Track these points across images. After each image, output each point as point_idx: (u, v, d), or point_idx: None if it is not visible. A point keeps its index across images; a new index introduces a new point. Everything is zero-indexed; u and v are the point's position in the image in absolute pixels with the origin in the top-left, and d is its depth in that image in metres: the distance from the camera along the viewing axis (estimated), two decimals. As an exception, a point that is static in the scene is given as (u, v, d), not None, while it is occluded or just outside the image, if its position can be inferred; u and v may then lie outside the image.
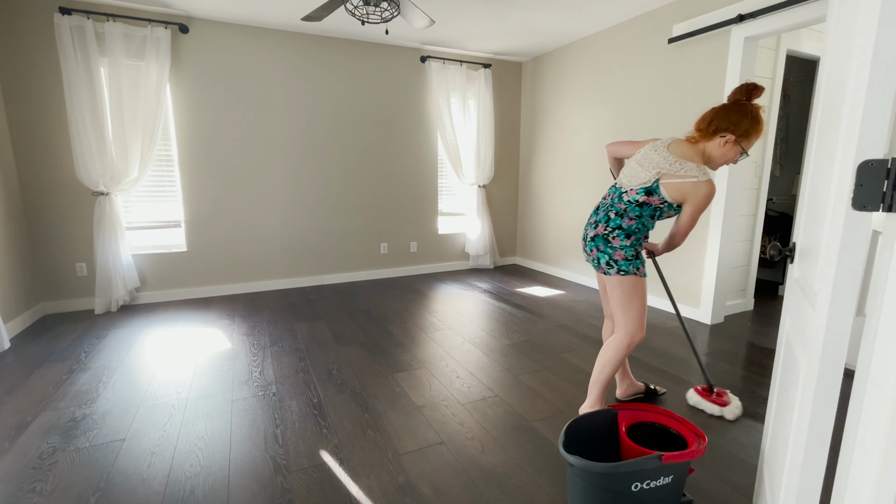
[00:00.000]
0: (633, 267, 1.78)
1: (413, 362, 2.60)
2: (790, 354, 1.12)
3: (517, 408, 2.10)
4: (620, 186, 1.81)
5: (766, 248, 4.11)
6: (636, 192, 1.74)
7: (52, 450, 1.77)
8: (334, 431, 1.90)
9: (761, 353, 2.71)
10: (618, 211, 1.79)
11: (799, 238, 1.17)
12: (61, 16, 3.14)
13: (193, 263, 3.91)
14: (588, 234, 1.87)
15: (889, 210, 0.65)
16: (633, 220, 1.76)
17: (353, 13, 2.65)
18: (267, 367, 2.53)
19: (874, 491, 0.64)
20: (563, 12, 3.54)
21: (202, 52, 3.69)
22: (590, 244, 1.85)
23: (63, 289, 3.52)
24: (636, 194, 1.74)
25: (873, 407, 0.64)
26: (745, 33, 2.83)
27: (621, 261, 1.77)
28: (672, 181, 1.67)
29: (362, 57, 4.28)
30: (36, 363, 2.57)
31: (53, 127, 3.33)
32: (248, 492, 1.55)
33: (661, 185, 1.69)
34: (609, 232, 1.79)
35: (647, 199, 1.72)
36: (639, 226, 1.77)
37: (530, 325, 3.22)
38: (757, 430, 1.90)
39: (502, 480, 1.60)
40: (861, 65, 0.73)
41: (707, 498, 1.51)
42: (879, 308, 0.64)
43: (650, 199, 1.72)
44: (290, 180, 4.18)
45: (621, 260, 1.77)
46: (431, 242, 4.97)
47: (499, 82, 5.01)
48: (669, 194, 1.69)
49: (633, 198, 1.75)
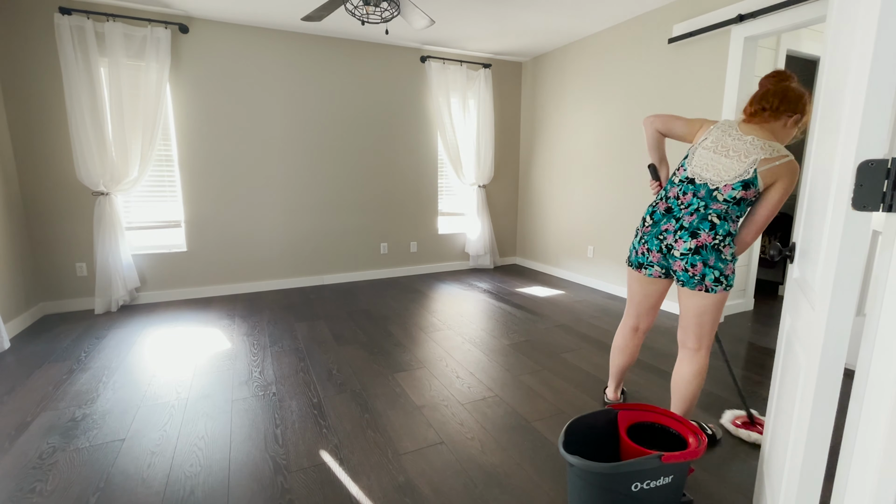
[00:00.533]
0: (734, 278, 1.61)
1: (413, 362, 2.60)
2: (790, 354, 1.12)
3: (517, 408, 2.10)
4: (706, 182, 1.58)
5: (766, 248, 4.12)
6: (732, 188, 1.53)
7: (52, 450, 1.77)
8: (334, 431, 1.90)
9: (761, 353, 2.71)
10: (719, 213, 1.56)
11: (799, 238, 1.17)
12: (61, 16, 3.14)
13: (193, 263, 3.91)
14: (680, 245, 1.61)
15: (889, 210, 0.65)
16: (736, 221, 1.59)
17: (353, 13, 2.65)
18: (267, 367, 2.53)
19: (874, 491, 0.64)
20: (563, 12, 3.54)
21: (202, 52, 3.69)
22: (692, 258, 1.58)
23: (63, 289, 3.52)
24: (732, 190, 1.53)
25: (873, 407, 0.64)
26: (745, 33, 2.83)
27: (731, 275, 1.58)
28: (767, 166, 1.50)
29: (362, 57, 4.28)
30: (36, 363, 2.57)
31: (53, 127, 3.33)
32: (248, 492, 1.55)
33: (758, 173, 1.50)
34: (720, 241, 1.56)
35: (745, 194, 1.53)
36: (738, 229, 1.60)
37: (530, 325, 3.22)
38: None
39: (502, 480, 1.60)
40: (861, 65, 0.73)
41: (707, 498, 1.51)
42: (879, 308, 0.64)
43: (747, 192, 1.52)
44: (290, 180, 4.18)
45: (731, 274, 1.58)
46: (431, 242, 4.97)
47: (499, 82, 5.01)
48: (763, 181, 1.51)
49: (729, 194, 1.54)
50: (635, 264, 1.79)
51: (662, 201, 1.72)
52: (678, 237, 1.62)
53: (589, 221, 4.32)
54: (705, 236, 1.57)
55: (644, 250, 1.73)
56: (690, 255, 1.59)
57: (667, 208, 1.68)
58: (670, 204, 1.68)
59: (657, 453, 1.21)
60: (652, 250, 1.70)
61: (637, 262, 1.78)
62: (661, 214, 1.70)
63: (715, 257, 1.57)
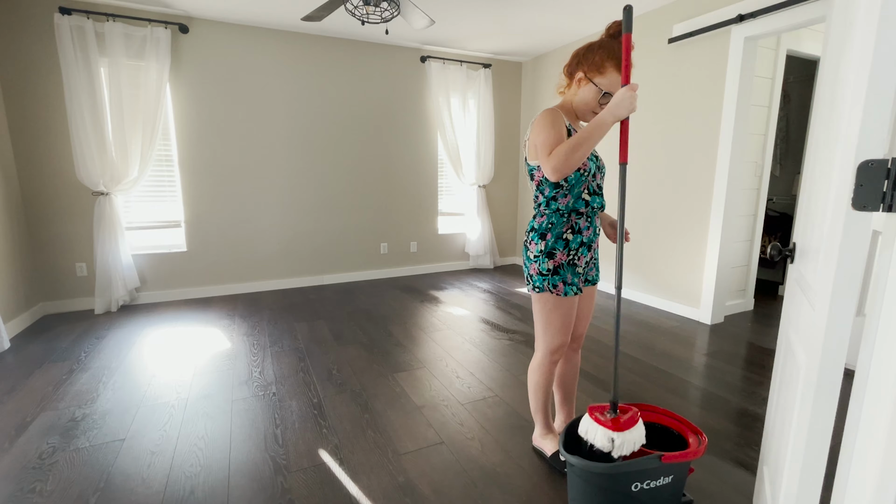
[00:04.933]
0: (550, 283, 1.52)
1: (413, 362, 2.60)
2: (790, 354, 1.12)
3: (517, 408, 2.09)
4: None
5: (767, 248, 4.11)
6: (528, 174, 1.54)
7: (52, 450, 1.77)
8: (334, 431, 1.90)
9: (761, 353, 2.71)
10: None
11: (799, 238, 1.17)
12: (61, 16, 3.14)
13: (193, 263, 3.91)
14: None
15: (889, 210, 0.65)
16: (539, 212, 1.54)
17: (353, 13, 2.65)
18: (267, 367, 2.52)
19: (874, 491, 0.64)
20: (563, 12, 3.54)
21: (202, 52, 3.69)
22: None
23: (63, 289, 3.52)
24: (529, 175, 1.55)
25: (873, 407, 0.64)
26: (745, 33, 2.83)
27: (536, 276, 1.53)
28: (528, 134, 1.48)
29: (362, 57, 4.28)
30: (36, 363, 2.56)
31: (53, 127, 3.33)
32: (248, 492, 1.55)
33: (526, 145, 1.51)
34: (526, 238, 1.58)
35: (534, 176, 1.52)
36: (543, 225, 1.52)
37: (530, 325, 3.22)
38: (757, 430, 1.90)
39: (502, 480, 1.60)
40: (861, 65, 0.73)
41: (707, 498, 1.51)
42: (879, 308, 0.64)
43: (533, 175, 1.52)
44: (290, 180, 4.18)
45: (536, 275, 1.53)
46: (431, 242, 4.97)
47: (499, 82, 5.01)
48: (529, 154, 1.49)
49: (530, 182, 1.55)
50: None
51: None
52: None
53: (589, 221, 4.31)
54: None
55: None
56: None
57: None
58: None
59: (657, 453, 1.21)
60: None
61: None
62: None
63: (523, 253, 1.58)
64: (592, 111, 1.45)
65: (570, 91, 1.48)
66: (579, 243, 1.52)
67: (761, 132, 3.37)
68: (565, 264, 1.51)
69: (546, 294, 1.52)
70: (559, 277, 1.50)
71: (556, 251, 1.49)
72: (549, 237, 1.49)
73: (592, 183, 1.50)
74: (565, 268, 1.51)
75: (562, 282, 1.50)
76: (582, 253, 1.53)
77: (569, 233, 1.50)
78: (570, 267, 1.52)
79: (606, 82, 1.40)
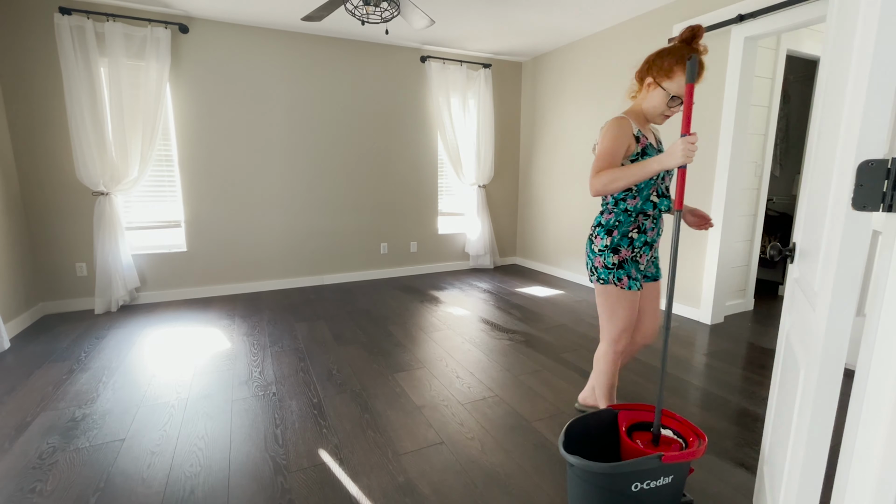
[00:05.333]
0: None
1: (413, 362, 2.60)
2: (790, 354, 1.12)
3: (517, 408, 2.09)
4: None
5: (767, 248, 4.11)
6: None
7: (52, 450, 1.77)
8: (334, 431, 1.90)
9: (761, 353, 2.71)
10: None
11: (799, 238, 1.17)
12: (61, 16, 3.14)
13: (193, 263, 3.91)
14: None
15: (889, 210, 0.65)
16: (605, 208, 1.65)
17: (353, 13, 2.65)
18: (267, 367, 2.52)
19: (874, 491, 0.64)
20: (563, 12, 3.54)
21: (202, 52, 3.69)
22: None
23: (63, 289, 3.52)
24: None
25: (873, 407, 0.64)
26: (745, 33, 2.83)
27: (601, 268, 1.64)
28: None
29: (362, 57, 4.28)
30: (36, 363, 2.56)
31: (53, 127, 3.33)
32: (248, 492, 1.55)
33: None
34: (591, 232, 1.72)
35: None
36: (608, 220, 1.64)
37: (530, 325, 3.22)
38: (757, 430, 1.90)
39: (502, 481, 1.60)
40: (861, 65, 0.73)
41: (707, 498, 1.51)
42: (879, 308, 0.64)
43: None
44: (290, 180, 4.18)
45: (601, 267, 1.64)
46: (431, 242, 4.97)
47: (499, 82, 5.01)
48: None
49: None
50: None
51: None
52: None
53: (589, 221, 4.32)
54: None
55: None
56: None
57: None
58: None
59: (657, 453, 1.21)
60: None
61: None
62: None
63: (587, 247, 1.69)
64: (662, 114, 1.51)
65: (641, 95, 1.55)
66: (643, 242, 1.59)
67: (761, 132, 3.37)
68: (629, 259, 1.59)
69: (611, 287, 1.61)
70: (624, 272, 1.59)
71: (620, 248, 1.59)
72: (616, 234, 1.58)
73: (661, 185, 1.56)
74: (630, 263, 1.59)
75: (626, 276, 1.59)
76: (644, 251, 1.61)
77: (634, 232, 1.58)
78: (633, 263, 1.60)
79: (674, 86, 1.45)
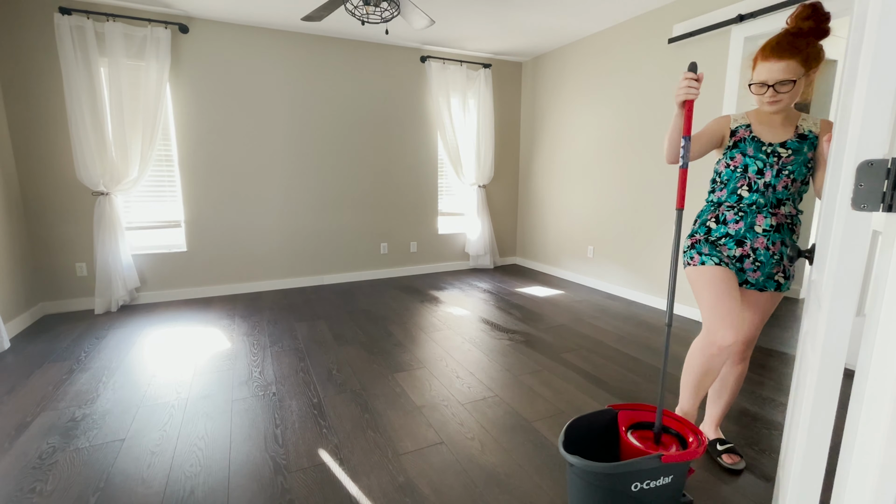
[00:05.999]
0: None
1: (413, 362, 2.60)
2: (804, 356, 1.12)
3: (517, 408, 2.09)
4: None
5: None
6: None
7: (52, 450, 1.77)
8: (334, 431, 1.90)
9: (761, 354, 2.71)
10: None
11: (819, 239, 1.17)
12: (61, 16, 3.14)
13: (193, 263, 3.91)
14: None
15: (889, 210, 0.65)
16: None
17: (353, 13, 2.65)
18: (267, 367, 2.52)
19: (874, 491, 0.64)
20: (563, 12, 3.54)
21: (202, 52, 3.69)
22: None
23: (63, 289, 3.52)
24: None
25: (873, 407, 0.64)
26: (745, 33, 2.83)
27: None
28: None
29: (362, 57, 4.28)
30: (36, 363, 2.56)
31: (53, 127, 3.33)
32: (248, 492, 1.55)
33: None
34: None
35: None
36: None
37: (530, 325, 3.22)
38: (757, 429, 1.90)
39: (502, 480, 1.60)
40: (861, 65, 0.73)
41: (707, 498, 1.51)
42: (879, 308, 0.64)
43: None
44: (290, 180, 4.18)
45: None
46: (431, 242, 4.97)
47: (499, 82, 5.01)
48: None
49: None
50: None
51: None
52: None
53: (589, 221, 4.32)
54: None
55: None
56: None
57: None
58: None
59: (657, 453, 1.21)
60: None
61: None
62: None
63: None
64: (763, 103, 1.49)
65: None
66: (724, 234, 1.57)
67: (761, 132, 3.36)
68: (703, 241, 1.59)
69: (689, 268, 1.60)
70: (695, 251, 1.59)
71: (697, 234, 1.62)
72: (698, 221, 1.63)
73: (756, 180, 1.50)
74: (702, 243, 1.59)
75: (697, 253, 1.58)
76: (727, 244, 1.56)
77: (712, 221, 1.59)
78: (707, 244, 1.58)
79: (755, 74, 1.48)
